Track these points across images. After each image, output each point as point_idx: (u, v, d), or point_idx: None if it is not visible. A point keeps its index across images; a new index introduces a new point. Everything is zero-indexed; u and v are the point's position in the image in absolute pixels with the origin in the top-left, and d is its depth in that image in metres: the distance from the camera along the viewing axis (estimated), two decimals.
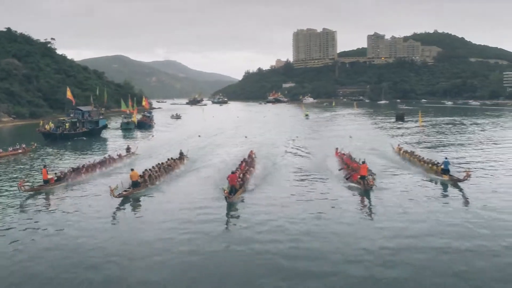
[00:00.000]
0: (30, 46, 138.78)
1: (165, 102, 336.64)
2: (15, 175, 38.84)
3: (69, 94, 79.59)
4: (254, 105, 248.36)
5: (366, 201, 28.00)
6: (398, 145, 50.60)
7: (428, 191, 30.55)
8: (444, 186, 31.78)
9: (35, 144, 57.26)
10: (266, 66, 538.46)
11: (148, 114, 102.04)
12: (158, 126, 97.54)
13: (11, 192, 31.26)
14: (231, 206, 26.18)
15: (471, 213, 24.74)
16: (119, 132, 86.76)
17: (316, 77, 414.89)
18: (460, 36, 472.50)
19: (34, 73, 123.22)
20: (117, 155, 44.69)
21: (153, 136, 77.67)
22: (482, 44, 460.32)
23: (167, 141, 64.60)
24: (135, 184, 30.05)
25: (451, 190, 30.52)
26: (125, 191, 29.06)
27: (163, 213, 25.48)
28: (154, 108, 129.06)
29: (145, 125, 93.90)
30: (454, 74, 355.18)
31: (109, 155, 43.86)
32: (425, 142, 62.33)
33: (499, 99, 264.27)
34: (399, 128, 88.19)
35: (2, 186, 34.10)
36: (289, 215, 24.43)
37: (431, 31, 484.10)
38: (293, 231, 21.80)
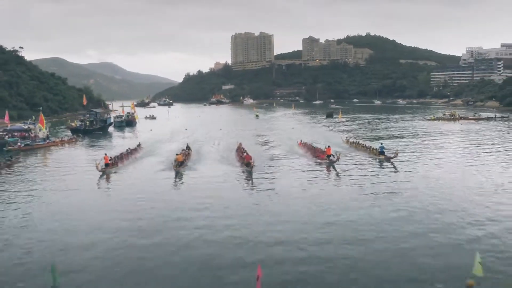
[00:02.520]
0: (3, 55, 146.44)
1: (110, 104, 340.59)
2: (80, 157, 56.67)
3: (84, 100, 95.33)
4: (199, 107, 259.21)
5: (332, 170, 43.05)
6: (346, 137, 66.93)
7: (371, 164, 46.29)
8: (381, 162, 46.94)
9: (80, 135, 77.69)
10: (204, 68, 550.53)
11: (134, 114, 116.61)
12: (139, 125, 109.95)
13: (86, 171, 44.69)
14: (251, 173, 40.66)
15: (397, 175, 40.33)
16: (115, 129, 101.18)
17: (254, 79, 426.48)
18: (391, 39, 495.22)
19: (14, 80, 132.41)
20: (135, 148, 58.13)
21: (151, 130, 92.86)
22: (413, 46, 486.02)
23: (160, 137, 77.13)
24: (180, 164, 43.93)
25: (386, 164, 45.71)
26: (176, 167, 42.79)
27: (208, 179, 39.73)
28: (111, 111, 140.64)
29: (132, 123, 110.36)
30: (385, 75, 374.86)
31: (131, 148, 55.48)
32: (354, 134, 79.16)
33: (426, 98, 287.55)
34: (328, 123, 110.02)
35: (85, 162, 50.25)
36: (287, 177, 39.66)
37: (364, 34, 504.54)
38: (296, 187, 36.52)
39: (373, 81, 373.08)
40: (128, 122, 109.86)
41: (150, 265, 20.07)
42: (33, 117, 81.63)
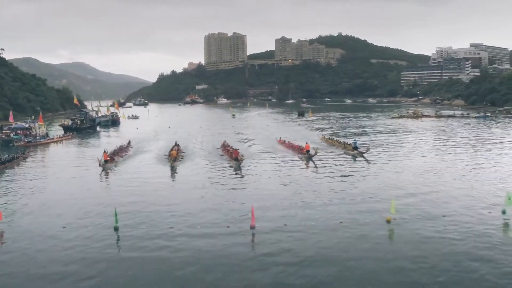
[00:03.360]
0: None
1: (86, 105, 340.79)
2: (80, 152, 64.14)
3: (75, 101, 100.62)
4: (174, 106, 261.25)
5: (311, 163, 48.01)
6: (322, 134, 72.54)
7: (345, 157, 51.81)
8: (354, 156, 51.99)
9: (75, 133, 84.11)
10: (177, 68, 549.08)
11: (118, 114, 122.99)
12: (124, 124, 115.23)
13: (90, 164, 48.86)
14: (239, 166, 45.01)
15: (368, 166, 45.83)
16: (101, 128, 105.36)
17: (227, 78, 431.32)
18: (362, 39, 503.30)
19: None
20: (126, 145, 62.06)
21: (137, 128, 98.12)
22: (384, 46, 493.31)
23: (146, 135, 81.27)
24: (175, 159, 48.16)
25: (359, 158, 50.86)
26: (172, 162, 46.84)
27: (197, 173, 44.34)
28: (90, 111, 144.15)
29: (117, 122, 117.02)
30: (356, 75, 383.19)
31: (122, 145, 59.59)
32: (327, 132, 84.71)
33: (396, 96, 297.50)
34: (300, 121, 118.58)
35: (86, 157, 56.25)
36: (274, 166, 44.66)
37: (336, 34, 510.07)
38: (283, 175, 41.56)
39: (344, 81, 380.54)
40: (113, 122, 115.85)
41: (175, 220, 27.30)
42: (32, 116, 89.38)
